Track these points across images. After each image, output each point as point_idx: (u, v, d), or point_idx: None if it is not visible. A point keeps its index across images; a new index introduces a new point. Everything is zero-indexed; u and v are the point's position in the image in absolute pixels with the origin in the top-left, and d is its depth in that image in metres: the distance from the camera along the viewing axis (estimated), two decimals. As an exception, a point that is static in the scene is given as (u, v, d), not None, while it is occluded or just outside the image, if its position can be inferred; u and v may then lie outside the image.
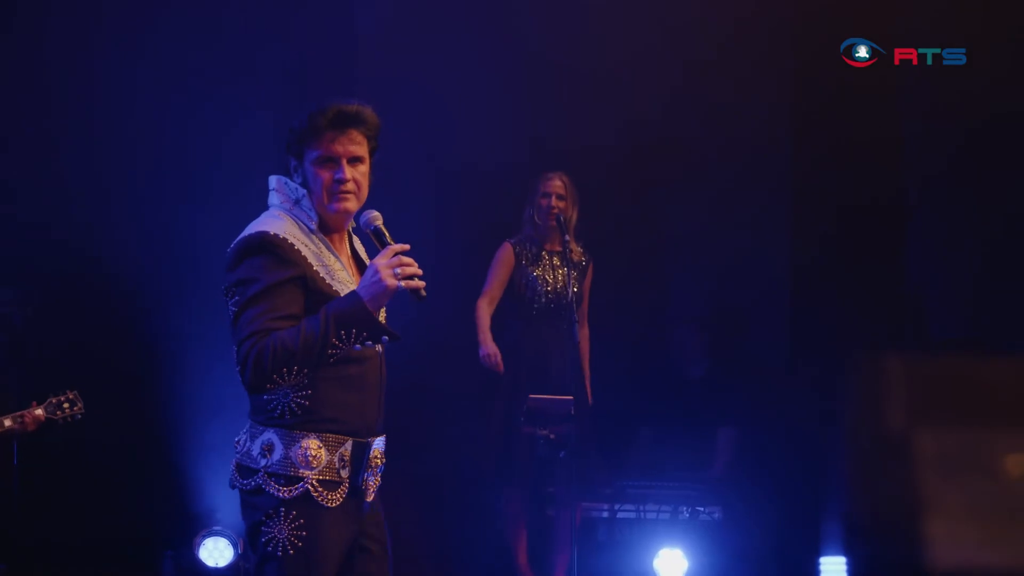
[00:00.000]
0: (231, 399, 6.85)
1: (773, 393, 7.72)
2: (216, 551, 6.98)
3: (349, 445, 3.75)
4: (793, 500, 7.34)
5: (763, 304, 8.07)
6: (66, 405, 5.92)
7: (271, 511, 3.66)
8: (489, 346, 6.99)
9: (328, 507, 3.70)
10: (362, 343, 3.68)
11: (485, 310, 7.08)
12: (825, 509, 6.77)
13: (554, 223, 7.02)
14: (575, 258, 7.04)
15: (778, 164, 7.91)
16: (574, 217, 7.09)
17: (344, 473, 3.74)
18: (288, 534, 3.66)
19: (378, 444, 3.85)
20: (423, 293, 3.72)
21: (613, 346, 7.56)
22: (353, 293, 3.69)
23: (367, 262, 3.93)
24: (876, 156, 7.59)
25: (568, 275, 6.93)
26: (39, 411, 5.90)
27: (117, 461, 7.28)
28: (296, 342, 3.59)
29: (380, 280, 3.67)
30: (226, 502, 7.00)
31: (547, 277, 7.08)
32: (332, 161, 3.79)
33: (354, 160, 3.81)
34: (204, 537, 7.00)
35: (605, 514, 7.40)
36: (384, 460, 3.89)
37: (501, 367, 6.96)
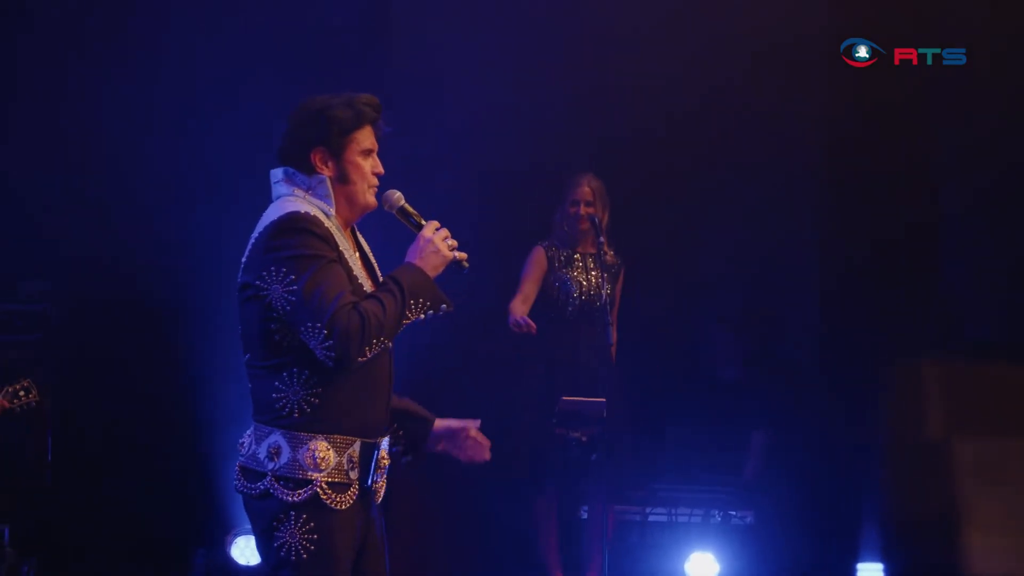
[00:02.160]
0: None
1: (805, 397, 7.69)
2: (248, 550, 6.99)
3: (357, 446, 3.69)
4: (826, 505, 7.32)
5: (795, 307, 8.04)
6: (22, 393, 6.02)
7: (281, 515, 3.60)
8: (516, 313, 6.88)
9: (338, 510, 3.63)
10: (425, 313, 3.68)
11: (518, 306, 7.05)
12: (860, 515, 6.74)
13: (587, 226, 7.01)
14: (608, 260, 7.02)
15: (809, 168, 7.88)
16: (605, 219, 7.07)
17: (353, 475, 3.68)
18: (300, 538, 3.59)
19: (384, 445, 3.80)
20: (466, 264, 3.80)
21: (646, 348, 7.55)
22: (411, 265, 3.70)
23: (371, 256, 3.90)
24: (907, 159, 7.57)
25: (602, 277, 6.92)
26: (1, 399, 5.99)
27: (150, 458, 7.30)
28: (383, 312, 3.58)
29: (438, 250, 3.73)
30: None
31: (580, 280, 7.06)
32: (371, 153, 3.79)
33: None
34: (236, 536, 7.01)
35: (637, 517, 7.38)
36: (389, 460, 3.83)
37: (534, 328, 6.86)
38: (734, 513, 7.33)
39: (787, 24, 7.48)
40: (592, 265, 7.07)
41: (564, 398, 6.64)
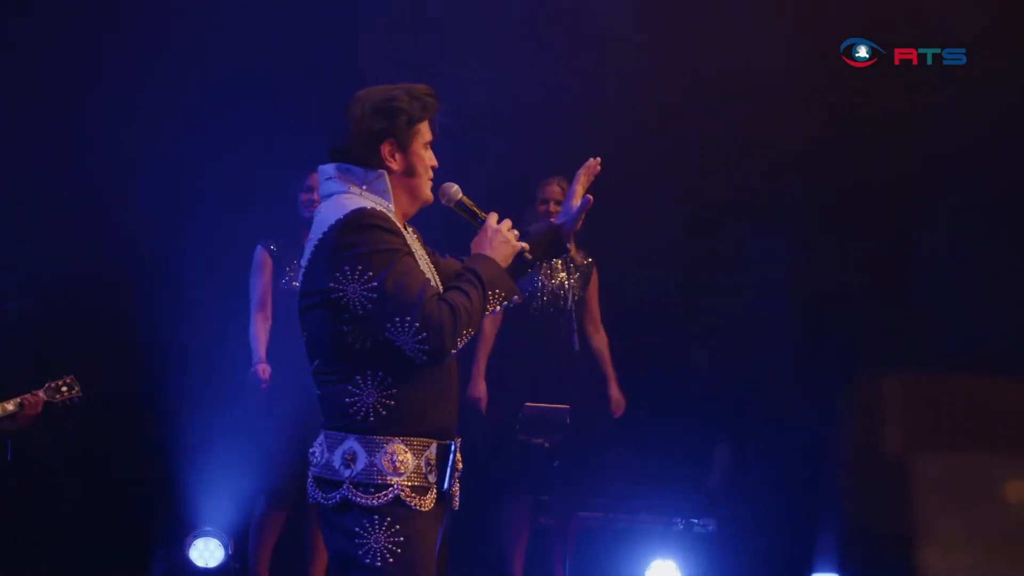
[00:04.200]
0: (227, 399, 6.87)
1: (776, 407, 7.69)
2: (207, 552, 6.94)
3: (434, 448, 3.58)
4: (789, 515, 7.32)
5: (771, 319, 8.03)
6: (64, 389, 5.98)
7: (364, 522, 3.47)
8: (477, 389, 6.98)
9: (423, 511, 3.52)
10: (501, 303, 3.62)
11: (487, 336, 7.03)
12: (821, 526, 6.74)
13: None
14: (578, 262, 6.98)
15: (789, 178, 7.87)
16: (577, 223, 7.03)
17: (431, 478, 3.56)
18: (385, 541, 3.47)
19: (457, 446, 3.68)
20: (529, 255, 3.81)
21: (616, 355, 7.53)
22: (483, 256, 3.65)
23: (424, 252, 3.78)
24: (885, 169, 7.57)
25: (569, 280, 6.89)
26: (41, 394, 5.94)
27: (110, 460, 7.25)
28: (470, 303, 3.51)
29: (507, 240, 3.70)
30: (218, 503, 6.98)
31: (546, 283, 7.02)
32: (429, 146, 3.73)
33: None
34: (195, 538, 6.96)
35: (599, 523, 7.36)
36: (462, 464, 3.72)
37: (483, 412, 6.95)
38: (696, 521, 7.30)
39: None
40: (559, 268, 7.03)
41: (528, 404, 6.61)
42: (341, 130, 3.66)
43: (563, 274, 6.98)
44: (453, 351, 3.49)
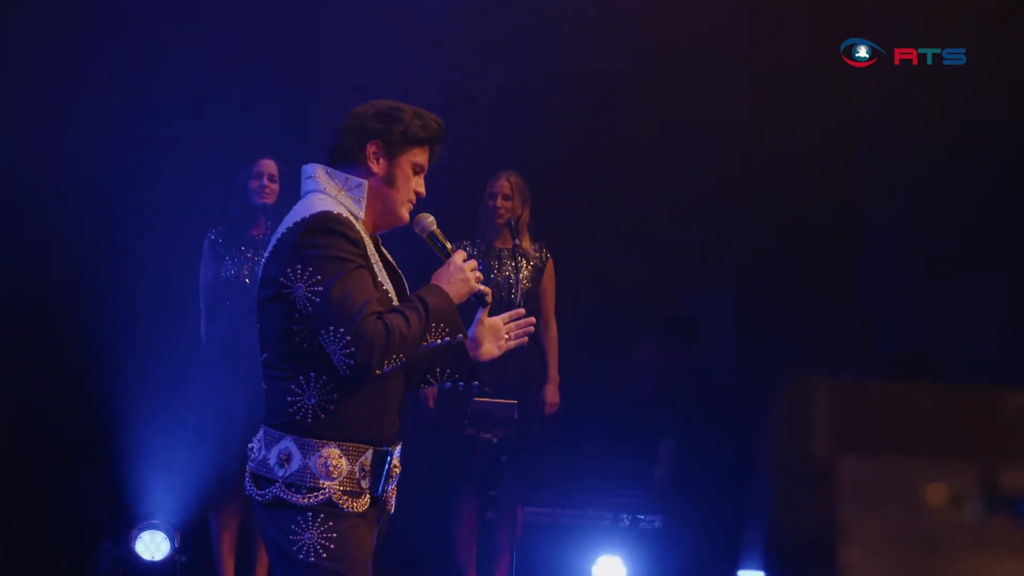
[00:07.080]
0: (169, 390, 6.85)
1: (719, 405, 7.71)
2: (152, 544, 6.93)
3: (370, 454, 3.62)
4: (736, 511, 7.33)
5: (714, 317, 8.04)
6: None
7: (298, 518, 3.53)
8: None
9: (356, 513, 3.57)
10: (442, 339, 3.64)
11: None
12: (748, 524, 6.76)
13: (503, 219, 6.97)
14: (529, 254, 6.97)
15: (732, 177, 7.87)
16: (525, 216, 7.03)
17: (364, 484, 3.60)
18: (319, 537, 3.52)
19: (396, 452, 3.72)
20: (489, 300, 3.83)
21: (564, 351, 7.53)
22: (438, 288, 3.67)
23: (396, 267, 3.84)
24: (830, 171, 7.57)
25: (516, 275, 6.88)
26: None
27: (53, 451, 7.22)
28: (408, 328, 3.52)
29: (466, 279, 3.71)
30: (164, 495, 6.97)
31: (495, 277, 7.02)
32: (421, 172, 3.76)
33: None
34: (140, 530, 6.94)
35: (545, 519, 7.37)
36: (400, 469, 3.76)
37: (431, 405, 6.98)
38: (643, 517, 7.32)
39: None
40: (507, 260, 7.02)
41: (476, 399, 6.60)
42: (339, 128, 3.72)
43: (511, 266, 6.97)
44: (379, 371, 3.52)
